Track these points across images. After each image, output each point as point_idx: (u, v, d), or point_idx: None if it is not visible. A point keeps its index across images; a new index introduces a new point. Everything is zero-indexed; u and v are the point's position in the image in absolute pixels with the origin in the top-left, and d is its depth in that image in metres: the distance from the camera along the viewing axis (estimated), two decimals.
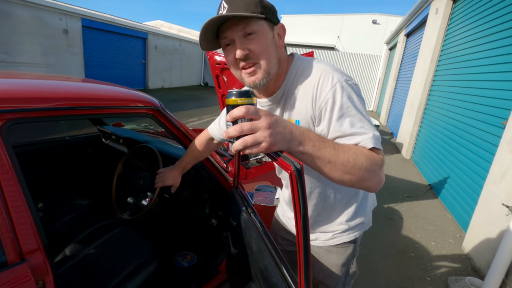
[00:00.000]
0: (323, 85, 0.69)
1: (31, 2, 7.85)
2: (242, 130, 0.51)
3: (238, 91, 0.55)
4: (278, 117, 0.55)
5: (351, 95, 0.69)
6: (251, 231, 0.97)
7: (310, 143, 0.56)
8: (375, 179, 0.63)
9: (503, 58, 2.80)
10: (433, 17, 5.35)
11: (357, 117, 0.67)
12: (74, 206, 1.81)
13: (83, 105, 1.01)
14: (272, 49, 0.72)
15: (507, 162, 2.20)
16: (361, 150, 0.62)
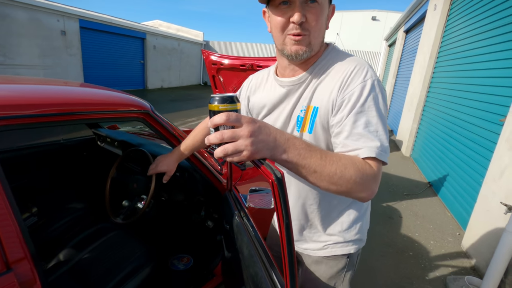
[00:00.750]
0: (355, 76, 0.67)
1: (28, 4, 7.84)
2: (222, 138, 0.49)
3: (220, 97, 0.53)
4: (262, 124, 0.53)
5: (378, 97, 0.66)
6: (243, 236, 0.96)
7: (295, 151, 0.54)
8: (365, 192, 0.61)
9: (501, 54, 2.78)
10: (431, 14, 5.31)
11: (374, 120, 0.65)
12: (69, 210, 1.80)
13: (71, 111, 0.99)
14: (323, 25, 0.71)
15: (506, 160, 2.18)
16: (353, 161, 0.60)
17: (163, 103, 9.77)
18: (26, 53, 8.03)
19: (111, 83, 11.37)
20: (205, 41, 17.37)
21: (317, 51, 0.74)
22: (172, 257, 1.81)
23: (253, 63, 2.28)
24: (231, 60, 2.44)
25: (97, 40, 10.47)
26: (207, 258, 1.70)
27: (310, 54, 0.72)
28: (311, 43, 0.70)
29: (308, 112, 0.75)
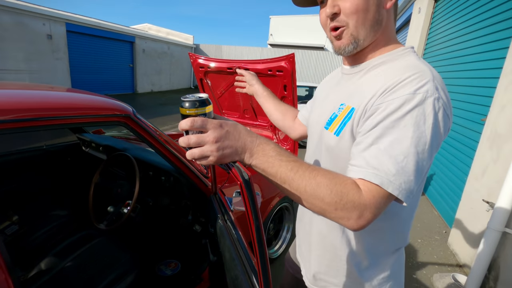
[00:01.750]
0: (406, 84, 0.54)
1: (13, 8, 7.69)
2: (189, 143, 0.50)
3: (189, 101, 0.52)
4: (231, 129, 0.52)
5: (426, 118, 0.51)
6: (226, 239, 0.96)
7: (262, 158, 0.52)
8: (347, 221, 0.50)
9: (482, 55, 2.86)
10: (416, 16, 5.44)
11: (405, 143, 0.51)
12: (52, 217, 1.76)
13: (50, 116, 0.97)
14: (369, 9, 0.59)
15: (487, 158, 2.23)
16: (335, 182, 0.51)
17: (153, 107, 9.68)
18: (11, 58, 7.86)
19: (99, 87, 11.22)
20: (195, 45, 17.34)
21: (372, 39, 0.63)
22: (159, 263, 1.78)
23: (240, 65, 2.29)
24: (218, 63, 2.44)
25: (84, 44, 10.33)
26: (195, 262, 1.69)
27: (357, 45, 0.63)
28: (354, 34, 0.61)
29: (343, 112, 0.64)
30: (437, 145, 0.54)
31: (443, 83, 0.57)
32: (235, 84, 1.29)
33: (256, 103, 2.51)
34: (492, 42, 2.70)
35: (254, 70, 2.15)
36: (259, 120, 2.59)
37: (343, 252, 0.71)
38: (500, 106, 2.18)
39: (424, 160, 0.52)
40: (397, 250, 0.72)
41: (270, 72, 2.05)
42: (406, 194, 0.50)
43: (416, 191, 0.53)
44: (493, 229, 1.89)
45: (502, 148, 2.05)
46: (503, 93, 2.17)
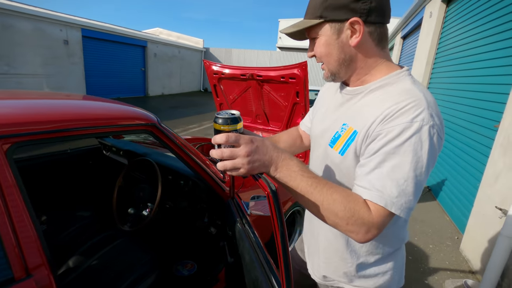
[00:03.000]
0: (405, 113, 0.59)
1: (31, 15, 8.00)
2: (222, 155, 0.56)
3: (223, 118, 0.59)
4: (260, 144, 0.58)
5: (422, 145, 0.58)
6: (245, 242, 1.02)
7: (286, 172, 0.59)
8: (354, 234, 0.58)
9: (495, 61, 2.85)
10: (427, 21, 5.42)
11: (405, 167, 0.57)
12: (77, 218, 1.86)
13: (82, 126, 1.05)
14: (334, 51, 0.68)
15: (500, 165, 2.23)
16: (348, 199, 0.58)
17: (164, 110, 9.86)
18: (29, 63, 8.16)
19: (112, 91, 11.50)
20: (205, 48, 17.56)
21: (349, 72, 0.72)
22: (176, 263, 1.86)
23: (253, 72, 2.36)
24: (231, 70, 2.51)
25: (99, 48, 10.63)
26: (211, 263, 1.75)
27: (336, 77, 0.73)
28: (329, 69, 0.73)
29: (347, 133, 0.70)
30: (433, 163, 0.61)
31: (437, 106, 0.63)
32: None
33: (269, 109, 2.58)
34: (505, 48, 2.70)
35: (267, 77, 2.22)
36: (271, 125, 2.65)
37: (348, 255, 0.80)
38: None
39: (422, 180, 0.59)
40: (398, 248, 0.81)
41: (283, 79, 2.12)
42: (407, 212, 0.58)
43: (414, 205, 0.59)
44: (506, 236, 1.89)
45: None
46: None
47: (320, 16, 0.66)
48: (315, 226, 0.88)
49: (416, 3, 6.16)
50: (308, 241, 0.96)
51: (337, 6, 0.64)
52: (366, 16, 0.64)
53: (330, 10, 0.64)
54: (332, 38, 0.67)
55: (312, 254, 0.93)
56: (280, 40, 18.74)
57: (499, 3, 2.90)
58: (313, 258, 0.92)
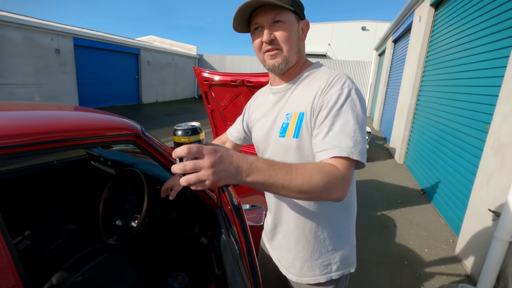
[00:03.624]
0: (334, 84, 0.74)
1: (22, 24, 7.94)
2: (185, 169, 0.53)
3: (183, 129, 0.55)
4: (224, 153, 0.56)
5: (355, 102, 0.72)
6: (228, 254, 0.98)
7: (259, 174, 0.58)
8: (336, 193, 0.65)
9: (484, 64, 2.88)
10: (417, 24, 5.49)
11: (351, 122, 0.70)
12: (63, 231, 1.80)
13: (64, 138, 1.02)
14: (294, 40, 0.80)
15: (492, 166, 2.23)
16: (318, 168, 0.64)
17: (158, 117, 9.80)
18: (20, 72, 8.07)
19: (105, 99, 11.42)
20: (199, 55, 17.59)
21: (296, 62, 0.83)
22: (166, 276, 1.80)
23: (244, 79, 2.34)
24: (222, 77, 2.49)
25: (91, 57, 10.57)
26: (202, 275, 1.70)
27: (287, 65, 0.81)
28: (285, 55, 0.79)
29: (293, 118, 0.80)
30: (366, 115, 0.75)
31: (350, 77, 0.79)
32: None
33: None
34: (493, 50, 2.72)
35: (257, 83, 2.21)
36: None
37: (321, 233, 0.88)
38: (502, 115, 2.19)
39: (364, 128, 0.72)
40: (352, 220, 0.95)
41: None
42: (362, 156, 0.69)
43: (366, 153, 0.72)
44: (500, 239, 1.88)
45: (506, 157, 2.06)
46: (505, 102, 2.18)
47: (291, 5, 0.76)
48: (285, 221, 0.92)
49: (406, 8, 6.25)
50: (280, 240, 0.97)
51: (299, 6, 0.80)
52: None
53: (296, 6, 0.77)
54: (295, 27, 0.80)
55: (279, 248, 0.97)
56: None
57: (486, 6, 2.94)
58: (287, 254, 0.95)
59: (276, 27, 0.77)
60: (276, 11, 0.76)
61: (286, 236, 0.93)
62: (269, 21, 0.77)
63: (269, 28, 0.77)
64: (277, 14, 0.76)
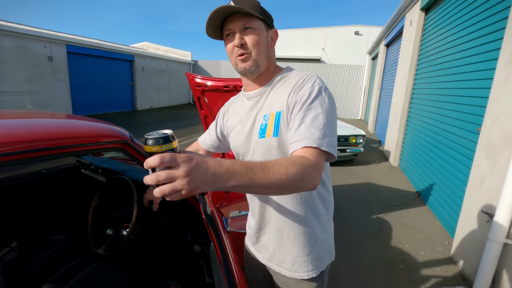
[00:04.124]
0: (305, 83, 0.81)
1: (15, 32, 7.89)
2: (158, 180, 0.50)
3: (154, 138, 0.53)
4: (199, 161, 0.54)
5: (325, 99, 0.79)
6: (215, 262, 0.96)
7: (237, 177, 0.57)
8: (309, 183, 0.68)
9: (474, 66, 2.91)
10: (408, 28, 5.56)
11: (320, 117, 0.76)
12: (51, 242, 1.76)
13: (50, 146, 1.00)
14: (263, 45, 0.86)
15: (484, 168, 2.24)
16: (292, 161, 0.66)
17: (153, 123, 9.75)
18: (13, 80, 7.99)
19: (99, 106, 11.34)
20: (194, 61, 17.61)
21: (266, 66, 0.89)
22: (159, 285, 1.77)
23: (236, 84, 2.33)
24: (214, 82, 2.48)
25: (85, 64, 10.52)
26: (195, 284, 1.67)
27: (257, 68, 0.86)
28: (255, 59, 0.85)
29: (271, 118, 0.85)
30: (335, 110, 0.82)
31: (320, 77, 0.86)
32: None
33: None
34: (482, 53, 2.76)
35: None
36: None
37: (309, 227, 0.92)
38: (493, 116, 2.21)
39: (334, 123, 0.78)
40: (331, 211, 0.98)
41: None
42: (331, 147, 0.73)
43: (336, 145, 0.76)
44: (494, 241, 1.88)
45: (498, 159, 2.07)
46: (495, 103, 2.20)
47: (260, 14, 0.83)
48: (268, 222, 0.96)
49: (397, 12, 6.33)
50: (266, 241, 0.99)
51: (268, 16, 0.88)
52: None
53: (264, 15, 0.85)
54: (264, 34, 0.87)
55: (266, 248, 0.99)
56: None
57: (475, 9, 2.99)
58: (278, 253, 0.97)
59: (246, 32, 0.83)
60: (246, 18, 0.82)
61: (273, 235, 0.96)
62: (240, 27, 0.83)
63: (241, 33, 0.83)
64: (247, 21, 0.82)
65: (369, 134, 9.17)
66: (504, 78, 2.12)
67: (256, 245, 1.04)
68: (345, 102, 14.70)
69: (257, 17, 0.83)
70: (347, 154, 5.48)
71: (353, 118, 14.27)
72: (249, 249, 1.11)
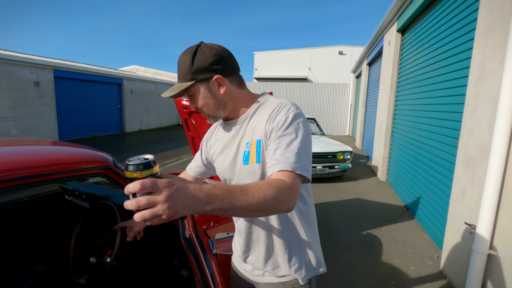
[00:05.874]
0: (280, 110, 0.86)
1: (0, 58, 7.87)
2: (139, 205, 0.51)
3: (134, 164, 0.54)
4: (180, 185, 0.55)
5: (299, 125, 0.83)
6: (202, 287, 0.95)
7: (217, 201, 0.59)
8: (286, 205, 0.70)
9: (449, 83, 3.06)
10: (387, 48, 5.84)
11: (295, 142, 0.79)
12: (31, 273, 1.69)
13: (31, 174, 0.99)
14: (210, 101, 0.89)
15: (464, 180, 2.31)
16: (269, 184, 0.68)
17: (141, 145, 9.67)
18: None
19: (87, 130, 11.23)
20: None
21: (227, 111, 0.93)
22: None
23: None
24: None
25: (72, 88, 10.51)
26: None
27: (217, 118, 0.94)
28: (210, 115, 0.92)
29: (253, 146, 0.89)
30: (310, 135, 0.85)
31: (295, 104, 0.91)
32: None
33: None
34: (455, 71, 2.92)
35: None
36: None
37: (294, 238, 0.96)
38: (468, 131, 2.31)
39: (308, 149, 0.82)
40: (314, 223, 1.03)
41: None
42: (305, 171, 0.76)
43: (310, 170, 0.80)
44: (478, 252, 1.91)
45: (476, 171, 2.14)
46: (469, 118, 2.31)
47: (191, 79, 0.85)
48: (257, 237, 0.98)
49: (376, 33, 6.66)
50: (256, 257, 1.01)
51: (201, 69, 0.85)
52: (223, 72, 0.87)
53: (197, 73, 0.85)
54: (205, 92, 0.88)
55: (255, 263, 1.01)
56: (256, 71, 19.44)
57: (446, 31, 3.19)
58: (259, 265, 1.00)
59: (192, 98, 0.90)
60: (185, 90, 0.87)
61: (261, 251, 0.99)
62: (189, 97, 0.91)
63: (190, 101, 0.91)
64: (187, 91, 0.87)
65: (356, 150, 9.32)
66: (475, 94, 2.24)
67: (244, 264, 1.05)
68: (333, 119, 15.00)
69: (188, 85, 0.86)
70: (336, 171, 5.54)
71: (341, 135, 14.51)
72: (236, 268, 1.11)
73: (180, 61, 0.86)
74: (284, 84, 15.33)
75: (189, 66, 0.84)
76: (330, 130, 14.87)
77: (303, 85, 15.33)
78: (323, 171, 5.45)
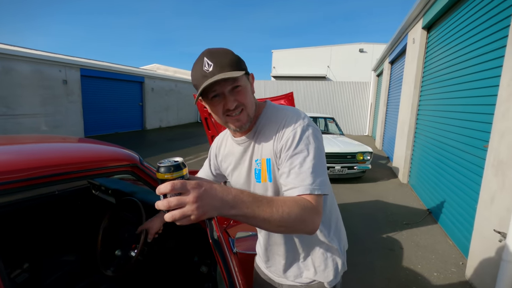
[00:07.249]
0: (286, 127, 0.81)
1: (32, 58, 8.32)
2: (169, 206, 0.53)
3: (165, 166, 0.56)
4: (208, 187, 0.57)
5: (309, 138, 0.79)
6: (222, 285, 0.97)
7: (243, 206, 0.60)
8: (310, 226, 0.70)
9: (479, 83, 2.92)
10: (411, 46, 5.64)
11: (308, 159, 0.76)
12: (62, 263, 1.79)
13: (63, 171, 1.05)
14: (251, 97, 0.85)
15: (494, 185, 2.21)
16: (295, 201, 0.68)
17: (161, 142, 9.91)
18: (28, 103, 8.34)
19: (110, 126, 11.65)
20: None
21: (254, 113, 0.88)
22: None
23: None
24: None
25: (97, 86, 10.95)
26: None
27: (250, 121, 0.85)
28: (249, 114, 0.84)
29: (263, 164, 0.87)
30: (322, 146, 0.82)
31: (300, 110, 0.87)
32: None
33: None
34: (485, 70, 2.78)
35: None
36: None
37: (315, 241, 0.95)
38: (499, 133, 2.20)
39: (322, 161, 0.78)
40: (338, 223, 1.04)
41: None
42: (324, 189, 0.75)
43: (328, 180, 0.79)
44: (509, 261, 1.83)
45: (507, 176, 2.04)
46: (501, 120, 2.20)
47: (242, 69, 0.79)
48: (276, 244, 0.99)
49: (400, 30, 6.45)
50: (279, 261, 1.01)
51: (244, 63, 0.84)
52: None
53: (242, 65, 0.81)
54: (248, 86, 0.84)
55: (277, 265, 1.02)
56: (274, 69, 19.37)
57: (477, 27, 3.04)
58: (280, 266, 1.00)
59: (235, 92, 0.79)
60: (233, 79, 0.78)
61: (281, 264, 0.99)
62: (229, 88, 0.78)
63: (230, 95, 0.79)
64: (235, 82, 0.78)
65: (376, 150, 9.10)
66: (508, 95, 2.13)
67: (268, 263, 1.06)
68: (352, 119, 14.71)
69: (242, 74, 0.78)
70: (355, 171, 5.44)
71: (360, 134, 14.21)
72: (260, 268, 1.12)
73: (221, 55, 0.77)
74: (302, 83, 15.18)
75: (236, 58, 0.79)
76: (350, 129, 14.59)
77: (321, 83, 15.12)
78: (342, 171, 5.36)
